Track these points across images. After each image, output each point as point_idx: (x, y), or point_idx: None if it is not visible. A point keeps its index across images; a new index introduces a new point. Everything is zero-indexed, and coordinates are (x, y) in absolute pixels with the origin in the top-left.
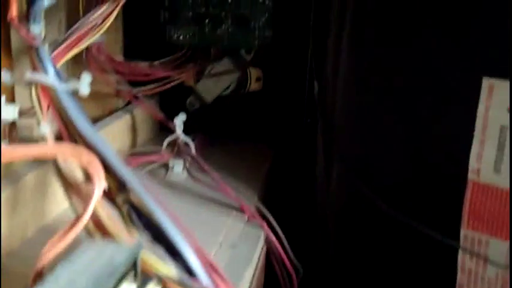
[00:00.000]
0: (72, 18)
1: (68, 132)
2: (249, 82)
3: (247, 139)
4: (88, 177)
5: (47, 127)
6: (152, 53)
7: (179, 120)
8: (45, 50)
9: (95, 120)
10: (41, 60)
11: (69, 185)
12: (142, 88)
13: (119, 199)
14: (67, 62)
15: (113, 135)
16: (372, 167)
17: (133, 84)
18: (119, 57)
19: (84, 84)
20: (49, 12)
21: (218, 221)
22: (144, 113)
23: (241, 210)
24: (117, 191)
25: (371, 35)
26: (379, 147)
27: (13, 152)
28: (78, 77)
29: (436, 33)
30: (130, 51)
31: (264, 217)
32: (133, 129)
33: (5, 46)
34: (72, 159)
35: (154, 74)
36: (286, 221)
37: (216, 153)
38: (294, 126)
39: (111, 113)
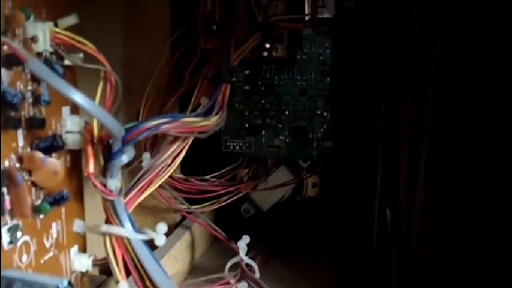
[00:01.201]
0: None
1: (142, 283)
2: (305, 188)
3: (306, 248)
4: None
5: (125, 286)
6: (208, 164)
7: (243, 243)
8: (121, 203)
9: None
10: (116, 213)
11: None
12: (200, 207)
13: None
14: None
15: (175, 257)
16: None
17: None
18: (177, 174)
19: (160, 235)
20: None
21: None
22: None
23: None
24: None
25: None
26: (458, 276)
27: None
28: None
29: None
30: (187, 163)
31: None
32: (193, 245)
33: (78, 195)
34: None
35: (212, 191)
36: None
37: (276, 268)
38: (359, 243)
39: (169, 227)
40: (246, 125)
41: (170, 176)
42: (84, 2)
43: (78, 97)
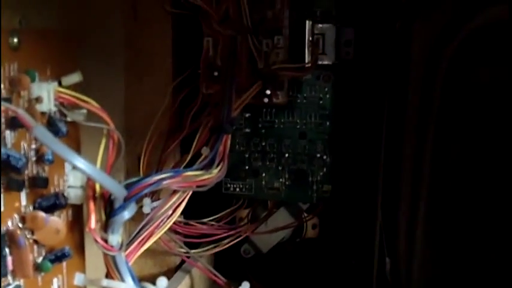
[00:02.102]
0: None
1: None
2: (305, 229)
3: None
4: None
5: None
6: (208, 206)
7: None
8: (122, 258)
9: (153, 277)
10: (117, 268)
11: None
12: (199, 251)
13: None
14: None
15: None
16: None
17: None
18: (178, 218)
19: None
20: None
21: None
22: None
23: None
24: None
25: (451, 225)
26: None
27: None
28: None
29: None
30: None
31: None
32: None
33: (79, 249)
34: None
35: (212, 234)
36: None
37: None
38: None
39: (169, 270)
40: (246, 167)
41: None
42: (88, 50)
43: (79, 162)
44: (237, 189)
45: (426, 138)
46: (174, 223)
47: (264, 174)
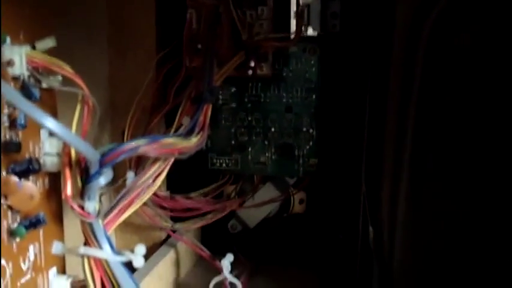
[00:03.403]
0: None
1: None
2: (292, 204)
3: (292, 264)
4: None
5: None
6: (195, 181)
7: (226, 262)
8: (99, 225)
9: None
10: (95, 235)
11: None
12: (185, 224)
13: None
14: None
15: (159, 275)
16: None
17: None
18: (163, 192)
19: (138, 256)
20: None
21: None
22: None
23: None
24: None
25: (432, 189)
26: None
27: None
28: None
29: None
30: (173, 180)
31: None
32: (177, 263)
33: (57, 218)
34: None
35: (198, 209)
36: None
37: (262, 284)
38: (343, 259)
39: (154, 245)
40: (233, 142)
41: (155, 194)
42: (69, 22)
43: (50, 123)
44: (224, 165)
45: (409, 105)
46: (159, 197)
47: (250, 149)
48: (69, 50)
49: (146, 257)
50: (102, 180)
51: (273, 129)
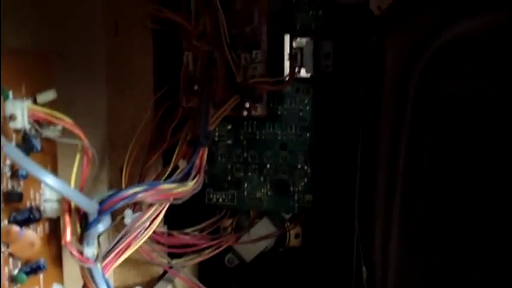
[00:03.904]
0: None
1: None
2: (288, 239)
3: None
4: None
5: None
6: (192, 216)
7: None
8: (98, 269)
9: None
10: (93, 280)
11: None
12: (182, 260)
13: None
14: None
15: None
16: None
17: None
18: (160, 228)
19: None
20: None
21: None
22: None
23: None
24: None
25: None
26: None
27: None
28: None
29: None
30: (170, 215)
31: None
32: None
33: (57, 261)
34: None
35: (195, 245)
36: None
37: None
38: None
39: (152, 280)
40: (229, 178)
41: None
42: (69, 64)
43: (48, 179)
44: (220, 200)
45: (399, 149)
46: (157, 234)
47: (246, 185)
48: (69, 91)
49: None
50: (101, 227)
51: (268, 166)
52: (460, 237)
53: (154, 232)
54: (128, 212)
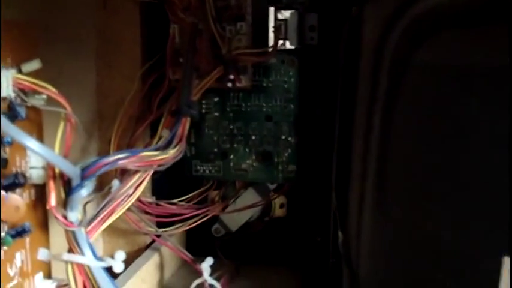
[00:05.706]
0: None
1: None
2: (272, 209)
3: (272, 263)
4: None
5: None
6: (179, 187)
7: (206, 265)
8: (81, 233)
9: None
10: (77, 243)
11: None
12: (169, 229)
13: None
14: None
15: (142, 278)
16: None
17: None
18: (148, 198)
19: (118, 262)
20: None
21: None
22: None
23: None
24: None
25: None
26: None
27: None
28: None
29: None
30: (158, 186)
31: None
32: (161, 267)
33: (43, 226)
34: None
35: (181, 214)
36: None
37: (244, 284)
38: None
39: (140, 249)
40: (215, 150)
41: (140, 200)
42: (56, 38)
43: (32, 144)
44: (207, 171)
45: (374, 120)
46: (145, 204)
47: (232, 156)
48: (57, 63)
49: (131, 260)
50: (84, 192)
51: (253, 137)
52: (431, 203)
53: (142, 202)
54: (115, 182)
